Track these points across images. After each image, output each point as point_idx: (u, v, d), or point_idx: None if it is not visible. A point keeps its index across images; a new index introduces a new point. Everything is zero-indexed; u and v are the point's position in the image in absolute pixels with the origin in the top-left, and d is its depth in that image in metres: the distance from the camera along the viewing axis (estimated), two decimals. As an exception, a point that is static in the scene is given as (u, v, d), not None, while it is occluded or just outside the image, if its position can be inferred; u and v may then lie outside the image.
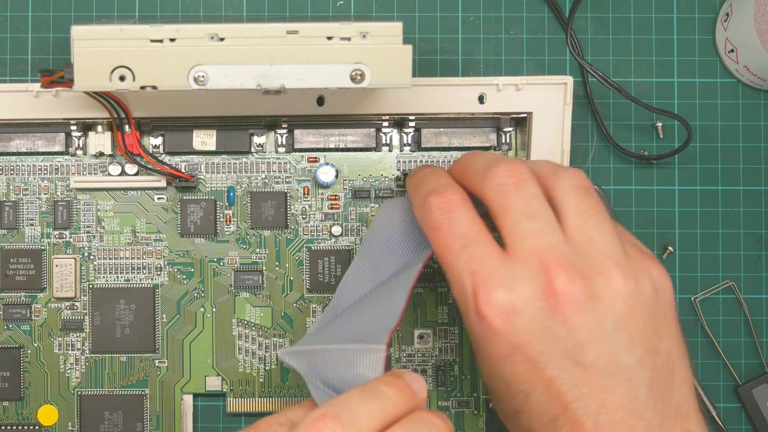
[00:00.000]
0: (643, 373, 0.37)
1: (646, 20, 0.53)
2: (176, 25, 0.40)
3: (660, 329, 0.38)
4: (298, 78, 0.40)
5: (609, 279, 0.37)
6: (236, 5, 0.52)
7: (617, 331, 0.37)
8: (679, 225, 0.52)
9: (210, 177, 0.50)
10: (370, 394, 0.34)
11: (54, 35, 0.52)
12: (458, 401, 0.50)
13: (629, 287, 0.37)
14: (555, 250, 0.37)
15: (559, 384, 0.36)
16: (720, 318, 0.52)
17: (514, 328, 0.37)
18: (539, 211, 0.38)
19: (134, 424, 0.50)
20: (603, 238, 0.38)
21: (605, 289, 0.37)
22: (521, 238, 0.37)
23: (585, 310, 0.36)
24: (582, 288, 0.37)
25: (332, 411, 0.33)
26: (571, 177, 0.39)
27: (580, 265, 0.37)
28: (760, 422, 0.52)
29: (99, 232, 0.50)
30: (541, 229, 0.37)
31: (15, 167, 0.50)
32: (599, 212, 0.38)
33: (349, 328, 0.40)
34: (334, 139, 0.49)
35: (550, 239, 0.37)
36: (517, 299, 0.37)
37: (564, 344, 0.36)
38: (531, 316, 0.37)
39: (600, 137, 0.52)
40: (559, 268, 0.37)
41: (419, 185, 0.42)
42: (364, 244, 0.44)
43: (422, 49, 0.52)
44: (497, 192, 0.39)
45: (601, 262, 0.37)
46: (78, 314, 0.50)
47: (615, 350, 0.36)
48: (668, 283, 0.39)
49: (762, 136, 0.53)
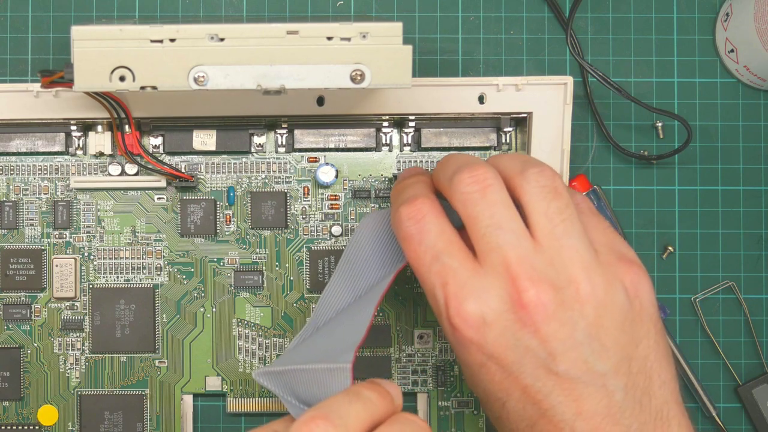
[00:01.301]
0: (618, 379, 0.37)
1: (646, 20, 0.53)
2: (176, 26, 0.40)
3: (636, 334, 0.38)
4: (298, 78, 0.40)
5: (578, 287, 0.37)
6: (236, 5, 0.52)
7: (589, 339, 0.37)
8: (679, 225, 0.52)
9: (210, 177, 0.50)
10: (354, 396, 0.35)
11: (54, 35, 0.52)
12: (458, 401, 0.50)
13: (598, 295, 0.37)
14: (524, 261, 0.37)
15: (535, 392, 0.37)
16: (720, 318, 0.52)
17: (485, 338, 0.37)
18: (505, 219, 0.37)
19: (134, 424, 0.50)
20: (572, 244, 0.37)
21: (574, 298, 0.37)
22: (489, 250, 0.37)
23: (555, 320, 0.36)
24: (551, 299, 0.36)
25: (322, 413, 0.33)
26: (537, 178, 0.38)
27: (549, 275, 0.37)
28: (760, 422, 0.52)
29: (99, 232, 0.50)
30: (509, 240, 0.37)
31: (15, 167, 0.50)
32: (568, 216, 0.38)
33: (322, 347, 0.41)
34: (334, 139, 0.49)
35: (518, 250, 0.37)
36: (487, 311, 0.37)
37: (536, 354, 0.37)
38: (502, 328, 0.37)
39: (600, 137, 0.52)
40: (528, 281, 0.36)
41: (398, 195, 0.42)
42: (343, 257, 0.44)
43: (422, 49, 0.52)
44: (462, 201, 0.38)
45: (570, 271, 0.37)
46: (78, 314, 0.50)
47: (588, 358, 0.37)
48: (645, 287, 0.38)
49: (762, 136, 0.53)
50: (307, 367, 0.39)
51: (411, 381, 0.50)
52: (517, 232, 0.37)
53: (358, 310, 0.42)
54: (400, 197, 0.41)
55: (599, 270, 0.37)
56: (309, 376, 0.39)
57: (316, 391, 0.39)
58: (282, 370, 0.40)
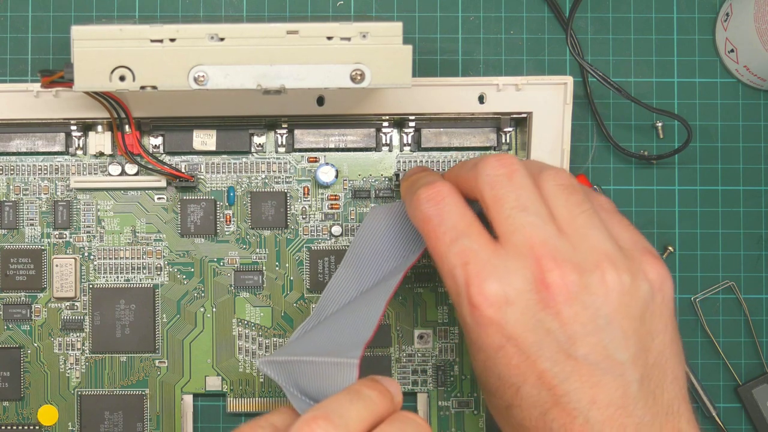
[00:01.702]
0: (636, 370, 0.37)
1: (646, 20, 0.53)
2: (176, 25, 0.40)
3: (654, 328, 0.38)
4: (298, 78, 0.40)
5: (603, 274, 0.37)
6: (236, 5, 0.52)
7: (610, 326, 0.37)
8: (679, 225, 0.52)
9: (210, 177, 0.50)
10: (356, 396, 0.35)
11: (54, 35, 0.52)
12: (458, 401, 0.50)
13: (624, 284, 0.37)
14: (548, 243, 0.37)
15: (551, 377, 0.36)
16: (720, 318, 0.52)
17: (506, 318, 0.37)
18: (531, 202, 0.38)
19: (134, 424, 0.50)
20: (596, 235, 0.38)
21: (599, 284, 0.37)
22: (513, 230, 0.38)
23: (577, 303, 0.36)
24: (575, 281, 0.37)
25: (323, 413, 0.34)
26: (554, 177, 0.39)
27: (573, 258, 0.37)
28: (760, 422, 0.52)
29: (99, 232, 0.50)
30: (534, 222, 0.37)
31: (15, 167, 0.50)
32: (587, 209, 0.38)
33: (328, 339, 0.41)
34: (334, 139, 0.49)
35: (542, 232, 0.37)
36: (509, 290, 0.37)
37: (556, 337, 0.36)
38: (523, 308, 0.37)
39: (600, 137, 0.52)
40: (552, 261, 0.37)
41: (411, 185, 0.42)
42: (349, 250, 0.45)
43: (422, 49, 0.52)
44: (488, 183, 0.39)
45: (595, 258, 0.37)
46: (78, 314, 0.50)
47: (608, 345, 0.36)
48: (668, 283, 0.39)
49: (762, 136, 0.53)
50: (313, 359, 0.39)
51: (411, 381, 0.50)
52: (542, 216, 0.38)
53: (367, 305, 0.42)
54: (417, 184, 0.41)
55: (624, 260, 0.38)
56: (314, 369, 0.39)
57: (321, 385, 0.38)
58: (286, 360, 0.40)
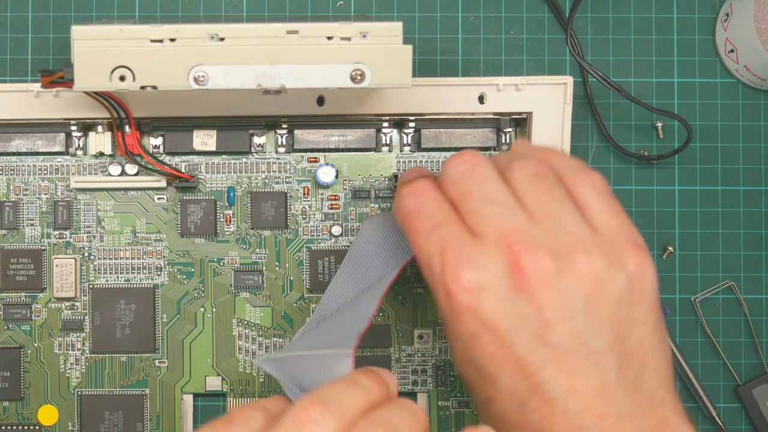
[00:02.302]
0: (612, 358, 0.36)
1: (646, 20, 0.53)
2: (176, 25, 0.40)
3: (632, 316, 0.37)
4: (298, 78, 0.40)
5: (575, 259, 0.37)
6: (236, 5, 0.52)
7: (584, 311, 0.36)
8: (679, 225, 0.52)
9: (210, 177, 0.50)
10: (352, 383, 0.35)
11: (54, 35, 0.52)
12: (458, 401, 0.50)
13: (597, 268, 0.37)
14: (519, 230, 0.37)
15: (527, 364, 0.36)
16: (720, 318, 0.52)
17: (481, 305, 0.37)
18: (496, 193, 0.38)
19: (134, 424, 0.50)
20: (568, 221, 0.38)
21: (571, 268, 0.37)
22: (482, 222, 0.38)
23: (551, 287, 0.36)
24: (548, 265, 0.37)
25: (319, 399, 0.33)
26: (523, 167, 0.39)
27: (546, 244, 0.37)
28: (760, 422, 0.52)
29: (99, 232, 0.50)
30: (502, 212, 0.38)
31: (15, 167, 0.50)
32: (558, 196, 0.38)
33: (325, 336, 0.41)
34: (334, 139, 0.49)
35: (512, 220, 0.37)
36: (484, 277, 0.37)
37: (531, 322, 0.36)
38: (497, 294, 0.37)
39: (600, 137, 0.52)
40: (524, 246, 0.37)
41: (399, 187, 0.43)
42: (347, 256, 0.45)
43: (422, 49, 0.52)
44: (451, 182, 0.39)
45: (568, 243, 0.37)
46: (78, 314, 0.50)
47: (582, 331, 0.36)
48: (649, 274, 0.38)
49: (762, 136, 0.53)
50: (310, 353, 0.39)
51: (411, 381, 0.50)
52: (510, 205, 0.38)
53: (362, 302, 0.42)
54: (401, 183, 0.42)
55: (598, 246, 0.37)
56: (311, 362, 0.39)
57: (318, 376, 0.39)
58: (284, 356, 0.41)
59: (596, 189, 0.40)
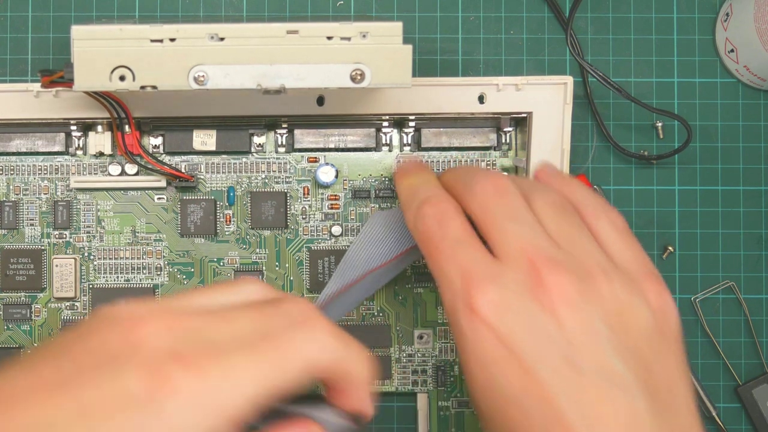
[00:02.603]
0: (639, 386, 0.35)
1: (646, 20, 0.53)
2: (176, 25, 0.40)
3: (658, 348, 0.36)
4: (298, 78, 0.40)
5: (597, 283, 0.36)
6: (236, 5, 0.52)
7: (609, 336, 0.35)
8: (679, 225, 0.52)
9: (210, 177, 0.50)
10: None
11: (54, 35, 0.52)
12: (458, 401, 0.50)
13: (619, 296, 0.36)
14: (542, 249, 0.37)
15: (551, 387, 0.34)
16: (720, 318, 0.52)
17: (505, 324, 0.36)
18: (522, 215, 0.38)
19: (134, 424, 0.49)
20: (589, 249, 0.38)
21: (594, 291, 0.36)
22: (506, 240, 0.38)
23: (575, 307, 0.36)
24: (571, 282, 0.36)
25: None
26: (544, 196, 0.40)
27: (568, 264, 0.37)
28: (760, 422, 0.52)
29: (99, 232, 0.50)
30: (526, 232, 0.38)
31: (15, 167, 0.50)
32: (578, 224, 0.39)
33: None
34: (334, 139, 0.49)
35: (536, 240, 0.37)
36: (508, 295, 0.36)
37: (556, 343, 0.35)
38: (521, 312, 0.36)
39: (600, 137, 0.52)
40: (547, 265, 0.36)
41: (413, 194, 0.42)
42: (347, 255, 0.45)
43: (422, 49, 0.52)
44: (481, 204, 0.39)
45: (590, 266, 0.37)
46: (78, 314, 0.50)
47: (608, 356, 0.35)
48: (670, 307, 0.37)
49: (762, 136, 0.53)
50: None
51: (411, 381, 0.50)
52: (534, 226, 0.38)
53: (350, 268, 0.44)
54: (416, 197, 0.41)
55: (619, 276, 0.37)
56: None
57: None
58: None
59: (615, 226, 0.40)
